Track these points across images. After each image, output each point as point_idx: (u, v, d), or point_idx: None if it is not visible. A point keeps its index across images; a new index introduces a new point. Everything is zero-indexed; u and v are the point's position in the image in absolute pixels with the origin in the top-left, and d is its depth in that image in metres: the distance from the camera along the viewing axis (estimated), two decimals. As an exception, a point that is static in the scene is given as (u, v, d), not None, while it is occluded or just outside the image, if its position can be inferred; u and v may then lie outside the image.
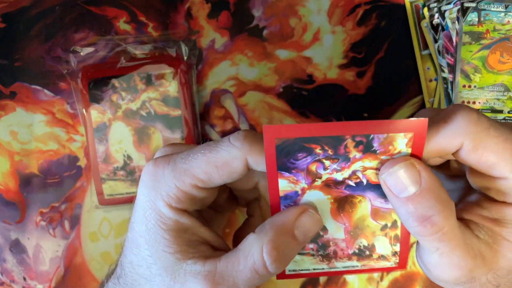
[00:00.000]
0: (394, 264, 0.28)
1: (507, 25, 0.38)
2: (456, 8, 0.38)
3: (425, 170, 0.23)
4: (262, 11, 0.40)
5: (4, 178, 0.41)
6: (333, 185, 0.25)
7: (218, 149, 0.24)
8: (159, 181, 0.25)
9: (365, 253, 0.27)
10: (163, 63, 0.39)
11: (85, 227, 0.40)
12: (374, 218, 0.26)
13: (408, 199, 0.23)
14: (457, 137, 0.22)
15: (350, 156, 0.23)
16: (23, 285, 0.40)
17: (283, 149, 0.23)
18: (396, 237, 0.27)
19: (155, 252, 0.25)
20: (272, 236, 0.24)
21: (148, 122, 0.39)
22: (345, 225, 0.26)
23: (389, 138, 0.22)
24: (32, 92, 0.41)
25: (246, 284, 0.24)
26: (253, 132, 0.25)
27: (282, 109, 0.40)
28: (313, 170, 0.24)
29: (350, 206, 0.26)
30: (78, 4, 0.41)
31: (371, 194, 0.25)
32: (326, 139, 0.22)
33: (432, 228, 0.22)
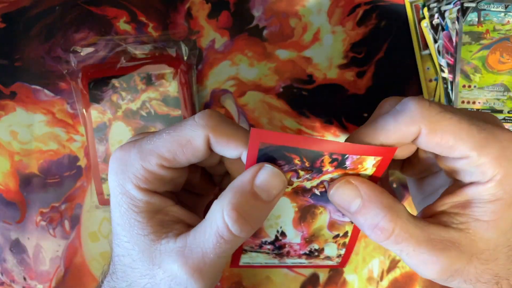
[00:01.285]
0: (336, 263, 0.31)
1: (507, 25, 0.38)
2: (456, 8, 0.38)
3: (363, 183, 0.24)
4: (262, 11, 0.40)
5: (4, 178, 0.41)
6: (301, 193, 0.27)
7: (183, 127, 0.24)
8: (126, 164, 0.25)
9: (314, 254, 0.30)
10: (163, 63, 0.39)
11: (85, 227, 0.40)
12: (330, 229, 0.29)
13: (356, 213, 0.24)
14: (414, 123, 0.23)
15: (323, 169, 0.24)
16: (23, 285, 0.40)
17: (265, 154, 0.23)
18: (344, 243, 0.30)
19: (131, 237, 0.25)
20: (231, 198, 0.24)
21: (148, 122, 0.39)
22: (303, 233, 0.29)
23: (361, 159, 0.24)
24: (32, 92, 0.41)
25: (215, 252, 0.24)
26: (219, 113, 0.25)
27: (282, 109, 0.40)
28: (288, 178, 0.25)
29: (311, 216, 0.28)
30: (78, 4, 0.41)
31: (332, 207, 0.28)
32: (307, 152, 0.23)
33: (383, 233, 0.24)
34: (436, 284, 0.39)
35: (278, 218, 0.28)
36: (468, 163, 0.23)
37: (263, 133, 0.22)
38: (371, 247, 0.40)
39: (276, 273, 0.40)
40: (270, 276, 0.40)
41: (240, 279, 0.40)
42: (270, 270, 0.40)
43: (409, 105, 0.23)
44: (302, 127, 0.40)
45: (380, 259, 0.39)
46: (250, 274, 0.40)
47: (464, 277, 0.24)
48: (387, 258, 0.39)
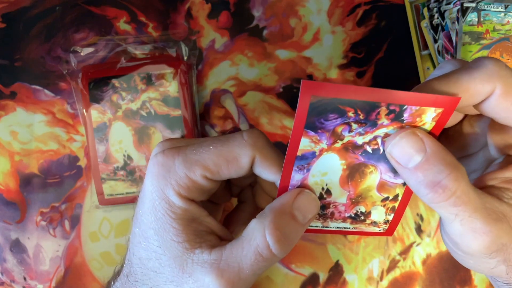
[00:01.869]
0: (382, 230, 0.29)
1: (506, 25, 0.38)
2: (456, 8, 0.38)
3: (428, 137, 0.23)
4: (262, 11, 0.40)
5: (5, 178, 0.41)
6: (351, 149, 0.25)
7: (231, 143, 0.25)
8: (169, 170, 0.25)
9: (360, 218, 0.28)
10: (163, 63, 0.39)
11: (85, 227, 0.40)
12: (379, 190, 0.27)
13: (416, 168, 0.23)
14: (490, 80, 0.22)
15: (378, 122, 0.23)
16: (23, 285, 0.40)
17: (316, 108, 0.22)
18: (393, 208, 0.28)
19: (164, 242, 0.25)
20: (272, 218, 0.24)
21: (148, 122, 0.39)
22: (349, 192, 0.27)
23: (420, 110, 0.22)
24: (32, 92, 0.41)
25: (251, 269, 0.24)
26: (265, 135, 0.26)
27: (282, 109, 0.40)
28: (339, 132, 0.24)
29: (360, 175, 0.26)
30: (78, 4, 0.41)
31: (383, 166, 0.26)
32: (362, 104, 0.22)
33: (444, 192, 0.22)
34: (436, 283, 0.39)
35: (324, 175, 0.26)
36: None
37: (316, 85, 0.21)
38: (371, 247, 0.40)
39: (276, 273, 0.40)
40: (270, 276, 0.40)
41: (240, 279, 0.40)
42: (270, 270, 0.40)
43: (486, 63, 0.22)
44: (302, 127, 0.40)
45: (380, 259, 0.40)
46: (250, 274, 0.40)
47: (505, 256, 0.23)
48: (387, 258, 0.40)
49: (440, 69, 0.25)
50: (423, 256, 0.39)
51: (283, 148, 0.40)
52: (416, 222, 0.40)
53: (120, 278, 0.28)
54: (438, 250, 0.39)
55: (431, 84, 0.23)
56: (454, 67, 0.24)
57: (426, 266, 0.39)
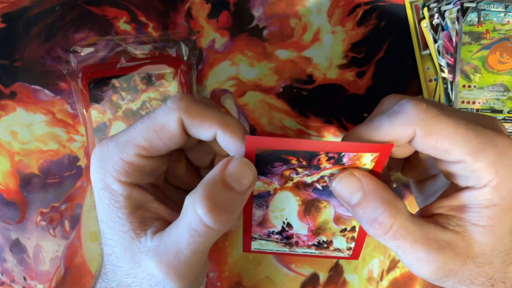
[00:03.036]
0: (347, 255, 0.31)
1: (507, 25, 0.38)
2: (456, 8, 0.38)
3: (366, 176, 0.24)
4: (262, 11, 0.40)
5: (4, 178, 0.41)
6: (302, 187, 0.27)
7: (156, 114, 0.25)
8: (105, 158, 0.25)
9: (323, 245, 0.30)
10: (163, 63, 0.39)
11: (85, 227, 0.40)
12: (336, 223, 0.29)
13: (356, 205, 0.24)
14: (409, 125, 0.23)
15: (321, 166, 0.25)
16: (23, 285, 0.40)
17: (262, 158, 0.24)
18: (353, 238, 0.30)
19: (114, 234, 0.25)
20: (202, 189, 0.23)
21: (148, 122, 0.39)
22: (309, 225, 0.29)
23: (358, 155, 0.24)
24: (32, 92, 0.41)
25: (189, 248, 0.23)
26: (190, 95, 0.25)
27: (282, 109, 0.40)
28: (287, 175, 0.26)
29: (316, 210, 0.28)
30: (78, 4, 0.41)
31: (336, 201, 0.28)
32: (303, 153, 0.24)
33: (381, 228, 0.24)
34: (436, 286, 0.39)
35: (283, 211, 0.28)
36: (464, 168, 0.23)
37: (258, 139, 0.23)
38: (371, 247, 0.40)
39: (276, 273, 0.40)
40: (270, 276, 0.40)
41: (240, 279, 0.40)
42: (270, 270, 0.40)
43: (405, 107, 0.23)
44: (302, 127, 0.40)
45: (380, 259, 0.40)
46: (250, 274, 0.40)
47: (458, 278, 0.24)
48: (387, 258, 0.39)
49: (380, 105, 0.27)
50: (423, 256, 0.39)
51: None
52: (416, 222, 0.39)
53: (99, 278, 0.28)
54: (438, 250, 0.39)
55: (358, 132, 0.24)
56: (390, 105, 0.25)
57: (426, 266, 0.39)
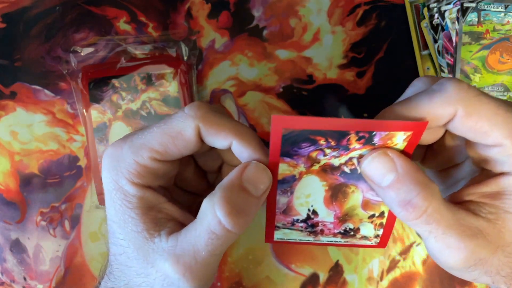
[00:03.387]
0: (374, 243, 0.30)
1: (507, 25, 0.38)
2: (456, 8, 0.38)
3: (399, 157, 0.23)
4: (262, 11, 0.40)
5: (5, 178, 0.41)
6: (329, 171, 0.26)
7: (172, 119, 0.25)
8: (118, 160, 0.25)
9: (349, 233, 0.29)
10: (163, 63, 0.39)
11: (85, 227, 0.40)
12: (364, 208, 0.27)
13: (388, 187, 0.23)
14: (451, 104, 0.22)
15: (350, 147, 0.24)
16: (23, 285, 0.40)
17: (289, 139, 0.23)
18: (381, 224, 0.28)
19: (126, 234, 0.25)
20: (221, 193, 0.24)
21: (148, 122, 0.39)
22: (335, 212, 0.28)
23: (390, 134, 0.23)
24: (32, 92, 0.41)
25: (207, 250, 0.24)
26: (208, 104, 0.25)
27: (282, 109, 0.40)
28: (313, 156, 0.24)
29: (343, 195, 0.27)
30: (78, 4, 0.41)
31: (364, 185, 0.26)
32: (332, 133, 0.23)
33: (415, 211, 0.23)
34: (436, 283, 0.39)
35: (308, 197, 0.27)
36: (501, 152, 0.23)
37: (285, 119, 0.22)
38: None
39: (276, 273, 0.40)
40: (270, 276, 0.40)
41: (240, 279, 0.40)
42: (270, 270, 0.40)
43: (446, 86, 0.23)
44: (302, 127, 0.40)
45: (380, 259, 0.40)
46: (250, 274, 0.40)
47: (485, 268, 0.23)
48: (387, 258, 0.40)
49: (412, 87, 0.26)
50: (423, 256, 0.39)
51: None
52: (416, 222, 0.40)
53: (104, 278, 0.28)
54: (438, 250, 0.39)
55: (394, 109, 0.23)
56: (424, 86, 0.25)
57: (426, 266, 0.39)
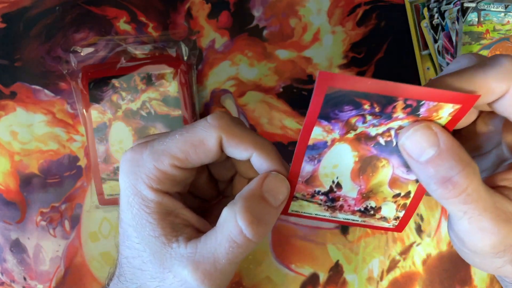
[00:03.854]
0: (392, 226, 0.28)
1: (507, 25, 0.38)
2: (456, 8, 0.38)
3: (443, 131, 0.22)
4: (262, 11, 0.40)
5: (5, 178, 0.41)
6: (364, 140, 0.24)
7: (195, 128, 0.25)
8: (138, 164, 0.25)
9: (369, 212, 0.28)
10: (163, 63, 0.39)
11: (85, 227, 0.40)
12: (391, 186, 0.26)
13: (427, 162, 0.22)
14: (505, 79, 0.22)
15: (393, 115, 0.23)
16: (23, 285, 0.40)
17: (332, 99, 0.22)
18: (404, 205, 0.27)
19: (142, 238, 0.25)
20: (242, 203, 0.24)
21: (148, 122, 0.39)
22: (360, 187, 0.26)
23: (438, 106, 0.22)
24: (32, 92, 0.41)
25: (227, 258, 0.24)
26: (230, 115, 0.25)
27: (282, 109, 0.40)
28: (352, 122, 0.23)
29: (372, 169, 0.25)
30: (78, 4, 0.41)
31: (396, 160, 0.25)
32: (379, 97, 0.21)
33: (455, 189, 0.22)
34: (436, 283, 0.39)
35: (335, 167, 0.26)
36: None
37: (333, 76, 0.20)
38: (371, 247, 0.40)
39: (276, 273, 0.40)
40: (270, 276, 0.40)
41: (240, 279, 0.40)
42: (270, 270, 0.40)
43: (502, 61, 0.22)
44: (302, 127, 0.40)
45: (380, 259, 0.40)
46: (250, 274, 0.40)
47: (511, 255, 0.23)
48: (387, 258, 0.39)
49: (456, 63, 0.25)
50: (423, 256, 0.39)
51: (282, 148, 0.40)
52: (416, 222, 0.40)
53: (113, 279, 0.28)
54: (438, 250, 0.39)
55: (446, 79, 0.22)
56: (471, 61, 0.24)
57: (426, 266, 0.39)
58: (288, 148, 0.40)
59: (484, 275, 0.39)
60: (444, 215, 0.40)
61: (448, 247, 0.39)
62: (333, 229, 0.40)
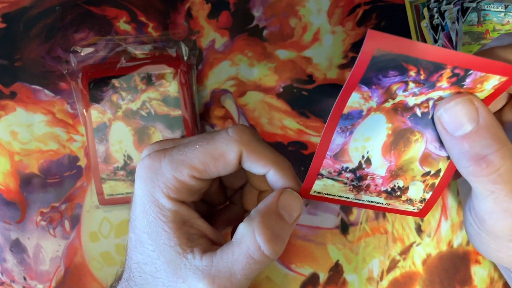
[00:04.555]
0: (416, 209, 0.27)
1: (507, 25, 0.38)
2: (456, 8, 0.38)
3: (483, 107, 0.22)
4: (262, 11, 0.40)
5: (5, 178, 0.41)
6: (400, 111, 0.23)
7: (216, 140, 0.25)
8: (157, 173, 0.25)
9: (396, 193, 0.27)
10: (163, 63, 0.39)
11: (85, 227, 0.40)
12: (422, 163, 0.25)
13: (463, 137, 0.22)
14: None
15: (437, 84, 0.22)
16: (23, 285, 0.40)
17: (378, 63, 0.20)
18: (432, 185, 0.26)
19: (157, 246, 0.25)
20: (260, 219, 0.24)
21: (148, 122, 0.39)
22: (390, 163, 0.25)
23: (485, 77, 0.21)
24: (32, 92, 0.41)
25: (243, 273, 0.24)
26: (251, 129, 0.26)
27: (282, 109, 0.40)
28: (393, 90, 0.22)
29: (405, 143, 0.24)
30: (78, 4, 0.41)
31: (430, 134, 0.24)
32: (427, 64, 0.20)
33: (488, 168, 0.21)
34: (436, 283, 0.39)
35: (367, 141, 0.24)
36: None
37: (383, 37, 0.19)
38: (371, 247, 0.40)
39: (276, 273, 0.40)
40: (270, 276, 0.40)
41: (240, 279, 0.40)
42: (270, 270, 0.40)
43: None
44: (302, 127, 0.40)
45: (380, 259, 0.40)
46: (250, 274, 0.40)
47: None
48: (387, 258, 0.40)
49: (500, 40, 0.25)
50: (423, 256, 0.39)
51: (282, 148, 0.40)
52: (416, 222, 0.40)
53: (121, 282, 0.28)
54: (438, 250, 0.39)
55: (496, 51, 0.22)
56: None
57: (426, 266, 0.39)
58: (288, 148, 0.40)
59: (484, 275, 0.39)
60: (444, 215, 0.40)
61: (448, 247, 0.39)
62: (333, 229, 0.40)
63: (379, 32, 0.19)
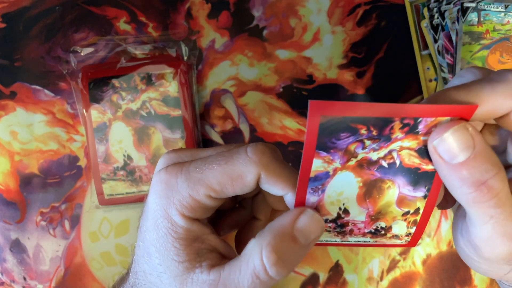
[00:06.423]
0: (405, 242, 0.28)
1: (507, 25, 0.38)
2: (456, 8, 0.38)
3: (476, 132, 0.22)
4: (262, 11, 0.40)
5: (5, 178, 0.41)
6: (366, 166, 0.24)
7: (235, 161, 0.24)
8: (172, 189, 0.24)
9: (380, 232, 0.27)
10: (163, 63, 0.39)
11: (85, 227, 0.40)
12: (399, 205, 0.26)
13: (461, 165, 0.21)
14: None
15: (392, 136, 0.22)
16: (23, 285, 0.40)
17: (327, 128, 0.21)
18: (415, 221, 0.27)
19: (164, 260, 0.25)
20: (270, 239, 0.23)
21: (148, 122, 0.39)
22: (368, 210, 0.26)
23: (436, 121, 0.22)
24: (32, 92, 0.41)
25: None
26: (270, 149, 0.25)
27: (282, 109, 0.40)
28: (352, 149, 0.23)
29: (378, 192, 0.25)
30: (78, 4, 0.41)
31: (401, 180, 0.25)
32: (375, 120, 0.21)
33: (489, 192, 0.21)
34: (436, 283, 0.39)
35: (340, 195, 0.25)
36: None
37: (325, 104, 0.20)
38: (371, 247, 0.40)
39: (276, 273, 0.40)
40: (270, 276, 0.40)
41: (240, 279, 0.40)
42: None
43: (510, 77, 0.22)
44: (302, 127, 0.40)
45: (380, 259, 0.40)
46: (250, 274, 0.40)
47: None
48: (387, 258, 0.39)
49: (460, 78, 0.25)
50: (423, 256, 0.39)
51: (282, 148, 0.40)
52: (416, 222, 0.40)
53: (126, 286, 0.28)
54: (438, 250, 0.39)
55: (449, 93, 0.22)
56: (475, 76, 0.24)
57: (426, 266, 0.39)
58: (288, 148, 0.40)
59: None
60: (444, 215, 0.40)
61: (448, 247, 0.39)
62: (333, 229, 0.40)
63: (320, 101, 0.20)
